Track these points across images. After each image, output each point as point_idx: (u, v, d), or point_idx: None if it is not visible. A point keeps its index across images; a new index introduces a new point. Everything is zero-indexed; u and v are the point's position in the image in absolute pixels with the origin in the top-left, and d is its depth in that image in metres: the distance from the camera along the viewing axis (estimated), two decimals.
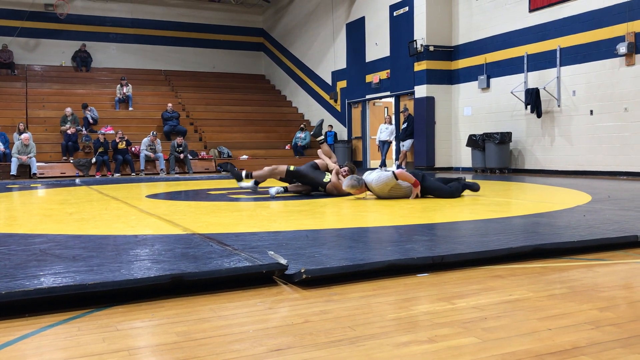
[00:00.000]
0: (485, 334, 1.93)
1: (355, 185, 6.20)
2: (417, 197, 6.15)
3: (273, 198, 6.75)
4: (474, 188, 6.57)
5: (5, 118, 16.04)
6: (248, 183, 7.49)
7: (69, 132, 15.31)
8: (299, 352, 1.78)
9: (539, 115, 12.29)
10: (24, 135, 14.17)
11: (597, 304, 2.27)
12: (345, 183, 6.30)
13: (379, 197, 6.27)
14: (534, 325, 2.02)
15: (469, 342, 1.85)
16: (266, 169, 7.26)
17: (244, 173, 7.49)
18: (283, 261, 2.72)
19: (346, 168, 7.02)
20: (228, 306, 2.31)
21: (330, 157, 7.26)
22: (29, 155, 14.14)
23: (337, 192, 6.85)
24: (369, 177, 6.26)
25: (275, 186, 7.23)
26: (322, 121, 7.65)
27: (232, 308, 2.28)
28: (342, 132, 18.55)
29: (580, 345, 1.80)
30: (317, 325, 2.04)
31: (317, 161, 7.23)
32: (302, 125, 18.40)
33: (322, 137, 7.50)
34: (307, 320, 2.10)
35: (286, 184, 7.31)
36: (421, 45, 14.42)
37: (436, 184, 6.35)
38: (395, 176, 6.06)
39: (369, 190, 6.35)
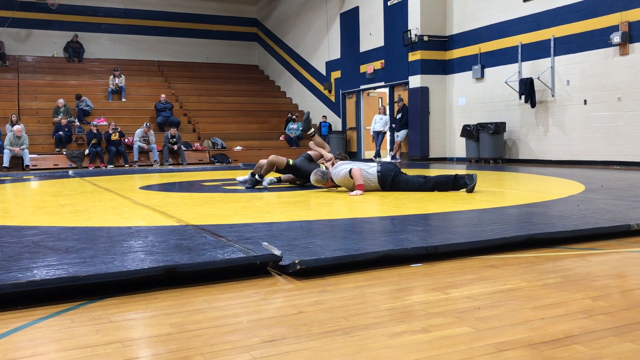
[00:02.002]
0: (478, 323, 1.93)
1: (320, 179, 6.36)
2: (359, 194, 5.87)
3: (266, 189, 6.74)
4: (469, 188, 5.82)
5: None
6: (246, 176, 7.40)
7: (61, 122, 15.21)
8: (293, 342, 1.78)
9: (533, 105, 12.30)
10: (16, 127, 14.08)
11: (590, 293, 2.28)
12: (311, 177, 6.43)
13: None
14: (528, 314, 2.03)
15: (463, 331, 1.86)
16: (265, 161, 7.09)
17: (256, 176, 7.06)
18: (277, 252, 2.72)
19: (340, 159, 6.98)
20: (222, 297, 2.31)
21: (323, 148, 7.18)
22: (22, 147, 14.06)
23: (332, 183, 6.82)
24: (333, 170, 6.31)
25: (268, 177, 7.20)
26: (308, 114, 7.44)
27: (226, 299, 2.28)
28: (336, 123, 18.50)
29: (573, 334, 1.81)
30: (311, 316, 2.04)
31: (310, 152, 7.15)
32: (294, 116, 18.16)
33: (313, 130, 7.37)
34: (301, 310, 2.11)
35: (279, 175, 7.27)
36: (415, 35, 14.38)
37: (407, 180, 6.11)
38: (351, 175, 6.06)
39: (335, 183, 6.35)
